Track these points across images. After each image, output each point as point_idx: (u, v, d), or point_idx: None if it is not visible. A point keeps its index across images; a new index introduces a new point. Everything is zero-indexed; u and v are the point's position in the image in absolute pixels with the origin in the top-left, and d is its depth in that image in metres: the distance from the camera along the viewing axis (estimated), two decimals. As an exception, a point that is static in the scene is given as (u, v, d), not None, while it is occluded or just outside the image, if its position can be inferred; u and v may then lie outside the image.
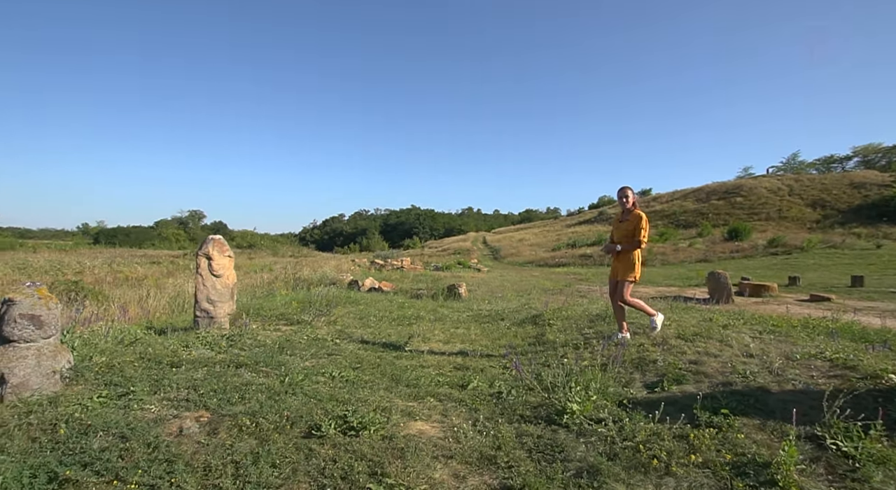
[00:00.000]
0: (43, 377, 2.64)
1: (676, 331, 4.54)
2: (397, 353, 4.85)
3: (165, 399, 2.72)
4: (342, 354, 4.39)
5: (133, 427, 2.32)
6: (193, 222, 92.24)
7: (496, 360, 4.54)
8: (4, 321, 2.60)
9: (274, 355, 3.84)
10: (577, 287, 16.11)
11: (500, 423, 2.80)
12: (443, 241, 64.34)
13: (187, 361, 3.40)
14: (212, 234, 5.51)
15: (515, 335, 5.96)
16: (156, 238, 70.86)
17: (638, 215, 4.45)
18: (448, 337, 6.08)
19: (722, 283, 10.92)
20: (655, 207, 47.70)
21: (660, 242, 32.85)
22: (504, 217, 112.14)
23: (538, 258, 34.99)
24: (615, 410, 2.85)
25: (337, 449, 2.33)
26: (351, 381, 3.44)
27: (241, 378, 3.16)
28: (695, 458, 2.22)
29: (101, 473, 1.99)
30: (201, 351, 3.73)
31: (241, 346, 4.11)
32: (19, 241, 54.32)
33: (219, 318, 5.27)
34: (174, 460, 2.12)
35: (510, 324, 6.93)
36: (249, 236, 73.75)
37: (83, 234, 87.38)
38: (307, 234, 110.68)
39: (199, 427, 2.42)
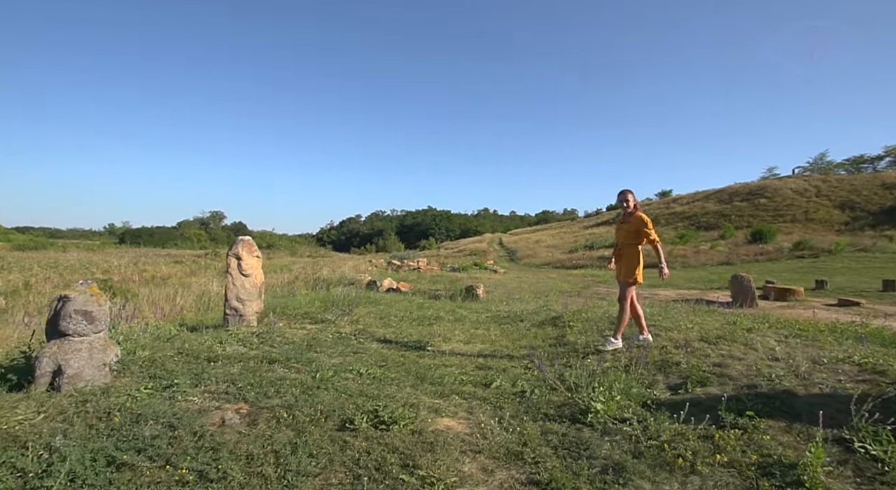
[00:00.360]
0: (94, 369, 2.82)
1: (700, 334, 4.52)
2: (420, 352, 4.95)
3: (206, 391, 2.87)
4: (367, 353, 4.51)
5: (179, 417, 2.47)
6: (214, 223, 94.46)
7: (517, 361, 4.60)
8: (61, 316, 2.79)
9: (303, 352, 3.99)
10: (595, 289, 16.01)
11: (525, 420, 2.87)
12: (458, 242, 64.46)
13: (223, 357, 3.56)
14: (240, 236, 5.71)
15: (535, 336, 6.00)
16: (178, 238, 72.78)
17: (640, 217, 4.48)
18: (468, 337, 6.16)
19: (745, 286, 10.73)
20: (675, 209, 46.92)
21: (680, 244, 32.30)
22: (520, 218, 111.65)
23: (555, 260, 34.77)
24: (639, 410, 2.89)
25: (370, 441, 2.43)
26: (378, 379, 3.55)
27: (274, 373, 3.30)
28: (720, 458, 2.25)
29: (153, 459, 2.13)
30: (235, 347, 3.89)
31: (272, 343, 4.26)
32: (50, 241, 56.47)
33: (247, 316, 5.46)
34: (219, 448, 2.25)
35: (530, 325, 6.96)
36: (268, 237, 75.16)
37: (109, 234, 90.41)
38: (324, 235, 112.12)
39: (239, 418, 2.55)
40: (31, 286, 16.04)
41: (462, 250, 48.44)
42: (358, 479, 2.11)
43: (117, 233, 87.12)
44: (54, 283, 16.99)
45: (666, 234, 38.57)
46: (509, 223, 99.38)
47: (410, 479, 2.13)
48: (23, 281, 16.98)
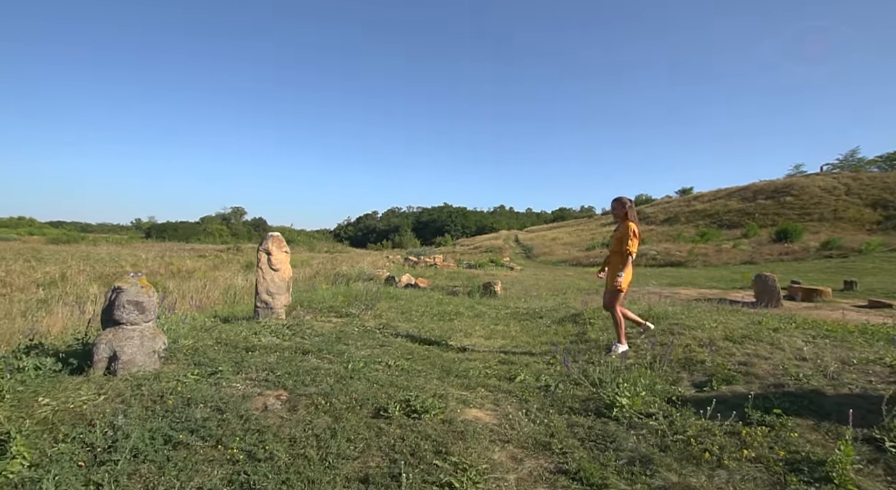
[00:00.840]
0: (145, 356, 3.01)
1: (724, 333, 4.52)
2: (443, 346, 5.06)
3: (248, 379, 3.03)
4: (392, 346, 4.64)
5: (225, 401, 2.63)
6: (235, 218, 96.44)
7: (539, 357, 4.67)
8: (115, 306, 2.98)
9: (333, 344, 4.14)
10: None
11: (551, 413, 2.95)
12: (474, 239, 64.41)
13: (259, 347, 3.73)
14: (269, 232, 5.90)
15: (556, 333, 6.05)
16: (201, 233, 74.55)
17: (627, 226, 4.45)
18: (489, 333, 6.25)
19: (770, 286, 10.53)
20: (696, 207, 45.94)
21: (701, 243, 31.67)
22: (537, 215, 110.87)
23: (571, 257, 34.52)
24: (664, 406, 2.94)
25: (403, 429, 2.55)
26: (406, 370, 3.68)
27: (309, 363, 3.45)
28: (747, 453, 2.30)
29: (205, 439, 2.29)
30: (269, 338, 4.07)
31: (303, 334, 4.43)
32: (81, 235, 58.55)
33: (276, 308, 5.66)
34: (264, 431, 2.40)
35: (549, 322, 7.01)
36: (287, 232, 76.28)
37: (136, 229, 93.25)
38: (341, 231, 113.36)
39: (280, 404, 2.70)
40: (67, 278, 16.76)
41: (478, 247, 48.44)
42: (394, 463, 2.23)
43: (143, 227, 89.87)
44: (88, 276, 17.71)
45: (686, 232, 37.83)
46: (525, 220, 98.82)
47: (444, 464, 2.24)
48: (59, 273, 17.73)
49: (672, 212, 47.84)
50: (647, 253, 30.99)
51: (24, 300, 13.55)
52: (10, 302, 13.48)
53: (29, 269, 17.79)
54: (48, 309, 11.16)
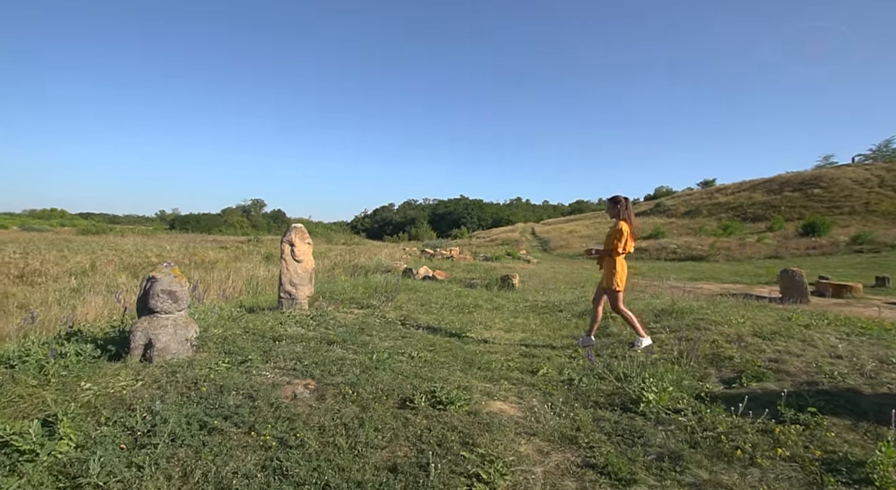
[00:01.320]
0: (178, 344, 3.10)
1: (752, 329, 4.41)
2: (463, 338, 5.08)
3: (276, 367, 3.11)
4: (414, 337, 4.68)
5: (256, 389, 2.70)
6: (255, 210, 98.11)
7: (560, 350, 4.64)
8: (150, 295, 3.08)
9: (356, 335, 4.19)
10: (633, 281, 15.64)
11: (576, 407, 2.94)
12: (490, 232, 64.16)
13: (286, 337, 3.81)
14: (294, 224, 5.98)
15: (577, 327, 6.01)
16: (223, 224, 76.19)
17: (618, 225, 4.44)
18: (508, 326, 6.24)
19: (797, 281, 10.23)
20: (719, 199, 44.76)
21: (724, 236, 30.91)
22: (553, 208, 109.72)
23: (590, 251, 34.04)
24: (692, 402, 2.90)
25: (430, 420, 2.58)
26: (429, 362, 3.71)
27: (334, 353, 3.51)
28: (781, 452, 2.25)
29: (238, 425, 2.36)
30: (295, 328, 4.15)
31: (326, 325, 4.51)
32: (109, 226, 60.47)
33: (300, 299, 5.75)
34: (294, 419, 2.45)
35: (570, 315, 6.97)
36: (305, 224, 77.09)
37: (161, 220, 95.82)
38: (358, 223, 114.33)
39: (309, 393, 2.76)
40: (97, 268, 17.37)
41: (494, 240, 48.27)
42: (422, 453, 2.26)
43: (168, 219, 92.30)
44: (116, 266, 18.31)
45: (708, 225, 36.93)
46: (542, 213, 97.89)
47: (471, 455, 2.26)
48: (90, 263, 18.37)
49: (693, 204, 46.72)
50: (668, 246, 30.43)
51: (58, 289, 14.14)
52: (46, 291, 14.07)
53: (61, 258, 18.48)
54: (81, 298, 11.60)
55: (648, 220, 45.26)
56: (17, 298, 13.04)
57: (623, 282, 4.45)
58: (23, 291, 14.01)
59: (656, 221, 42.80)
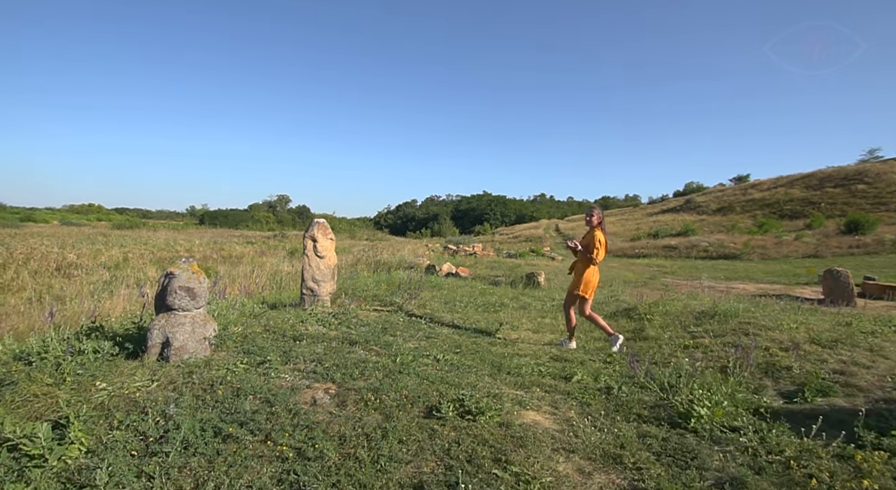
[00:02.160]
0: (196, 343, 3.00)
1: (808, 335, 4.03)
2: (490, 339, 4.86)
3: (296, 370, 2.96)
4: (439, 338, 4.49)
5: (274, 393, 2.55)
6: (281, 206, 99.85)
7: (594, 354, 4.37)
8: (167, 292, 2.98)
9: (379, 335, 4.02)
10: (663, 280, 15.08)
11: (618, 420, 2.68)
12: (514, 228, 63.44)
13: (307, 336, 3.67)
14: (315, 219, 5.86)
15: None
16: (249, 220, 77.85)
17: (594, 233, 4.50)
18: (536, 326, 5.99)
19: (842, 282, 9.57)
20: (754, 195, 42.83)
21: (758, 234, 29.52)
22: (578, 204, 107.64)
23: (616, 248, 33.21)
24: (751, 419, 2.59)
25: (458, 432, 2.37)
26: (455, 366, 3.50)
27: (356, 355, 3.35)
28: (868, 484, 1.94)
29: (254, 433, 2.21)
30: (316, 327, 4.01)
31: (349, 324, 4.36)
32: (142, 221, 62.71)
33: (322, 296, 5.64)
34: (313, 428, 2.29)
35: (601, 315, 6.65)
36: (329, 220, 77.83)
37: (191, 216, 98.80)
38: (381, 219, 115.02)
39: (329, 398, 2.59)
40: (129, 261, 17.91)
41: (517, 236, 47.65)
42: (450, 470, 2.06)
43: (197, 214, 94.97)
44: (147, 259, 18.85)
45: (742, 222, 35.39)
46: (566, 209, 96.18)
47: (504, 474, 2.04)
48: (122, 256, 18.98)
49: (726, 201, 44.88)
50: (699, 244, 29.28)
51: (92, 282, 14.61)
52: (80, 283, 14.56)
53: (97, 252, 19.14)
54: (111, 290, 11.94)
55: (678, 217, 43.79)
56: (55, 290, 13.54)
57: (593, 289, 4.60)
58: (60, 283, 14.56)
59: (686, 218, 41.38)
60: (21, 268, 15.71)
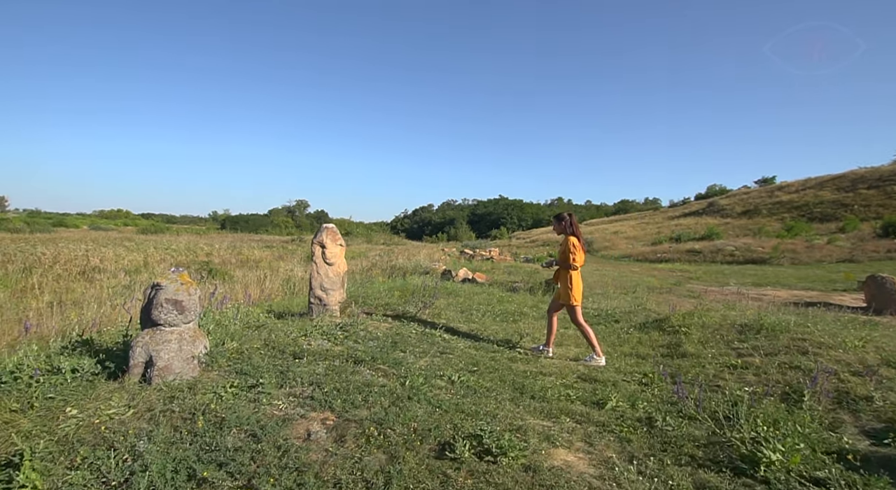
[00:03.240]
0: (183, 362, 2.69)
1: (881, 356, 3.50)
2: (510, 353, 4.45)
3: (291, 395, 2.61)
4: (454, 353, 4.10)
5: (263, 425, 2.21)
6: (299, 211, 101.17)
7: (628, 374, 3.92)
8: (153, 305, 2.68)
9: (388, 351, 3.66)
10: (689, 286, 14.34)
11: (667, 463, 2.25)
12: (531, 232, 62.61)
13: (308, 353, 3.33)
14: (324, 223, 5.57)
15: (640, 342, 5.21)
16: (269, 224, 79.01)
17: (567, 240, 4.45)
18: (559, 338, 5.54)
19: (888, 289, 8.79)
20: (781, 198, 41.11)
21: (787, 238, 28.19)
22: (596, 208, 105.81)
23: (636, 252, 32.24)
24: (837, 468, 2.13)
25: (476, 478, 1.98)
26: (472, 389, 3.11)
27: (361, 376, 2.99)
28: None
29: (234, 476, 1.87)
30: (320, 342, 3.67)
31: (356, 337, 4.01)
32: (166, 226, 64.20)
33: (331, 305, 5.32)
34: (304, 470, 1.94)
35: (628, 327, 6.16)
36: (346, 224, 78.85)
37: (213, 221, 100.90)
38: (398, 223, 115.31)
39: (325, 432, 2.24)
40: (149, 265, 18.10)
41: (535, 240, 46.94)
42: (467, 531, 1.67)
43: (219, 219, 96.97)
44: (167, 264, 19.03)
45: (769, 225, 33.95)
46: (584, 213, 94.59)
47: (533, 538, 1.65)
48: (143, 260, 19.19)
49: (752, 203, 43.24)
50: (724, 248, 28.13)
51: (111, 286, 14.72)
52: (101, 287, 14.68)
53: (119, 256, 19.42)
54: (130, 294, 11.95)
55: (701, 220, 42.41)
56: (75, 294, 13.66)
57: (580, 296, 4.48)
58: (81, 287, 14.72)
59: (709, 222, 40.01)
60: (47, 271, 16.03)
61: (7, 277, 14.71)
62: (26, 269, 16.05)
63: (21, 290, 13.56)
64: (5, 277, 14.76)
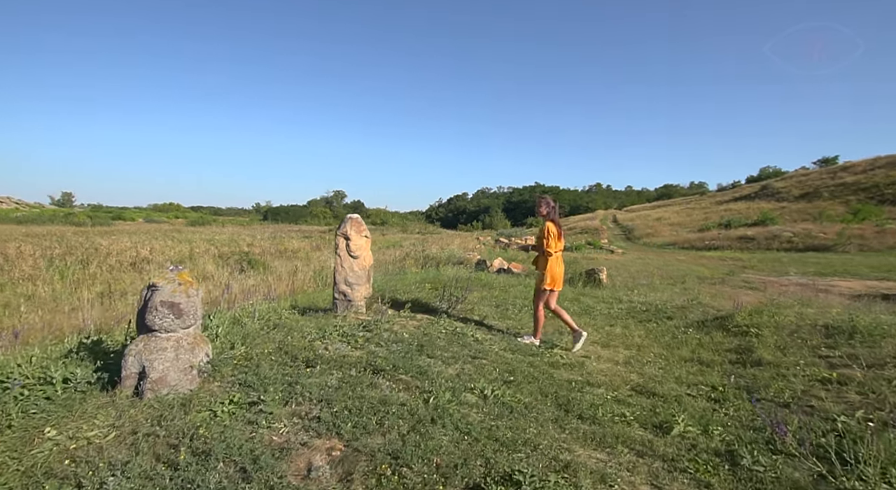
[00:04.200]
0: (180, 373, 2.39)
1: None
2: (550, 356, 3.96)
3: (296, 415, 2.26)
4: (488, 357, 3.66)
5: (257, 456, 1.86)
6: (337, 201, 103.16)
7: (692, 386, 3.34)
8: (147, 308, 2.40)
9: (413, 357, 3.26)
10: (744, 276, 13.11)
11: (767, 524, 1.72)
12: (568, 220, 60.74)
13: (323, 360, 2.99)
14: (350, 214, 5.23)
15: (700, 345, 4.56)
16: (308, 215, 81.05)
17: (545, 224, 4.48)
18: (605, 338, 4.98)
19: None
20: (845, 179, 37.42)
21: (854, 222, 25.57)
22: (637, 193, 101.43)
23: (682, 240, 30.43)
24: None
25: (514, 541, 1.54)
26: (508, 406, 2.66)
27: (378, 390, 2.60)
28: None
29: (216, 528, 1.52)
30: (337, 346, 3.32)
31: (378, 340, 3.63)
32: (213, 218, 67.09)
33: (356, 301, 5.00)
34: (300, 521, 1.56)
35: (683, 326, 5.49)
36: (382, 214, 79.65)
37: (256, 212, 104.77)
38: (433, 212, 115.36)
39: (329, 467, 1.86)
40: (193, 256, 18.73)
41: (572, 228, 45.39)
42: None
43: (262, 211, 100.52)
44: (211, 255, 19.63)
45: (832, 209, 31.00)
46: (624, 199, 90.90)
47: None
48: (188, 251, 19.89)
49: (811, 186, 39.72)
50: (780, 235, 25.94)
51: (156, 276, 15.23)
52: (147, 278, 15.23)
53: (167, 248, 20.24)
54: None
55: (753, 205, 39.54)
56: (124, 284, 14.24)
57: (556, 280, 4.48)
58: (130, 277, 15.37)
59: (763, 206, 37.21)
60: (101, 262, 16.88)
61: (67, 268, 15.63)
62: (84, 261, 17.01)
63: (76, 280, 14.31)
64: (65, 268, 15.69)
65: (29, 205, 60.72)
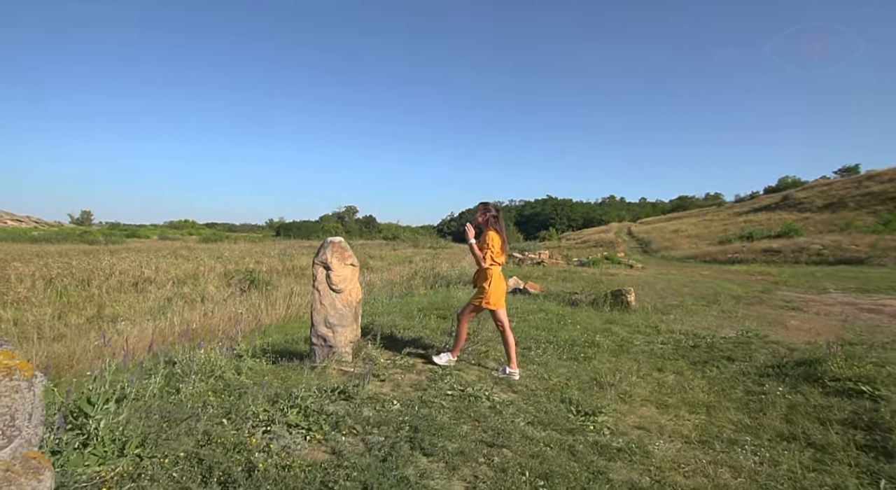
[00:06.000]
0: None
1: None
2: (595, 436, 2.85)
3: None
4: (511, 443, 2.57)
5: None
6: (348, 216, 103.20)
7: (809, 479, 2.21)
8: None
9: (399, 458, 2.18)
10: (781, 294, 11.65)
11: None
12: (581, 233, 59.32)
13: (251, 478, 1.92)
14: (329, 238, 4.23)
15: (793, 409, 3.38)
16: (320, 231, 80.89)
17: (485, 234, 4.07)
18: (657, 393, 3.85)
19: None
20: (872, 188, 35.39)
21: (886, 233, 23.73)
22: (652, 205, 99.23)
23: (702, 253, 28.86)
24: None
25: None
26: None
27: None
28: None
29: None
30: (286, 440, 2.24)
31: (355, 420, 2.55)
32: (226, 234, 67.16)
33: (339, 346, 3.97)
34: None
35: (754, 373, 4.34)
36: (394, 228, 79.07)
37: (269, 228, 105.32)
38: (444, 226, 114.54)
39: None
40: (199, 275, 17.97)
41: (586, 241, 44.01)
42: None
43: (274, 227, 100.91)
44: (216, 274, 18.83)
45: (860, 219, 29.13)
46: (639, 211, 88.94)
47: None
48: (193, 270, 19.15)
49: (835, 195, 37.76)
50: (809, 247, 24.22)
51: (157, 298, 14.47)
52: (146, 300, 14.47)
53: (172, 266, 19.53)
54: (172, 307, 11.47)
55: (774, 216, 37.80)
56: (118, 307, 13.43)
57: (496, 299, 4.03)
58: (130, 299, 14.57)
59: (785, 217, 35.47)
60: (102, 283, 16.17)
61: (65, 291, 14.93)
62: (84, 282, 16.33)
63: (66, 304, 13.53)
64: (64, 291, 15.00)
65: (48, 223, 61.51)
